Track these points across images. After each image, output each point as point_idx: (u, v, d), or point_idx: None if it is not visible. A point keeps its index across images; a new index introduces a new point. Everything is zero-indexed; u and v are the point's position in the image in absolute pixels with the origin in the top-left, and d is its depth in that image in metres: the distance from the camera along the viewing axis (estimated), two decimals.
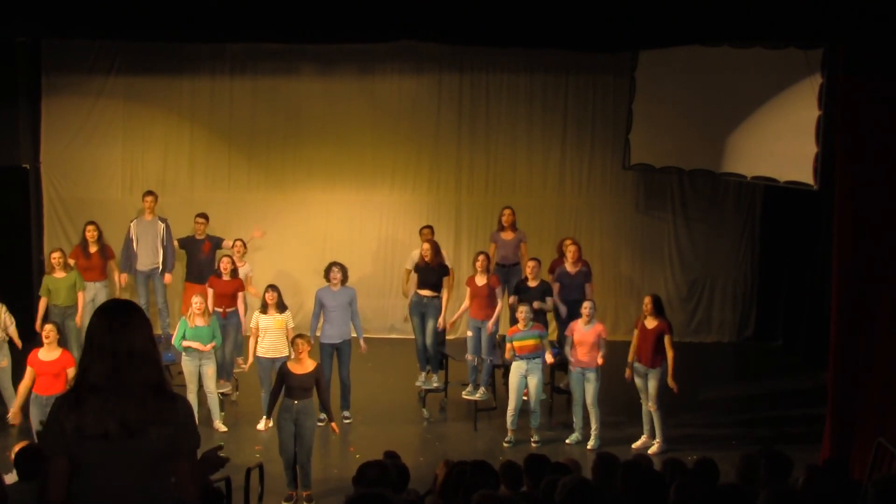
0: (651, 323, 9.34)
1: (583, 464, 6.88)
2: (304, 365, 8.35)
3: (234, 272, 10.50)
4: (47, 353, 8.55)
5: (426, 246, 10.54)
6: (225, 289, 10.40)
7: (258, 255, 12.05)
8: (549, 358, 9.54)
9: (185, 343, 9.49)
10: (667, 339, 9.25)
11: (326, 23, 7.85)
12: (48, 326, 8.69)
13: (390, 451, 6.77)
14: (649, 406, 9.39)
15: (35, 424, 8.48)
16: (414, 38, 8.88)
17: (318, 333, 9.97)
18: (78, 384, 3.55)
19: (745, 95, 10.58)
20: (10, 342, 9.70)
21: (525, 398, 9.58)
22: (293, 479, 8.34)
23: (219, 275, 10.47)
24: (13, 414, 8.57)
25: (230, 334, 10.33)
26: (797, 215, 12.23)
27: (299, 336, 8.62)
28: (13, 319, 9.74)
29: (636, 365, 9.44)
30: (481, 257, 10.24)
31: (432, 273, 10.50)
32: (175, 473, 3.61)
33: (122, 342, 3.53)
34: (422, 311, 10.57)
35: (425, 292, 10.52)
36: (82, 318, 10.58)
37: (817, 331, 11.35)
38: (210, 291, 10.36)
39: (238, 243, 11.05)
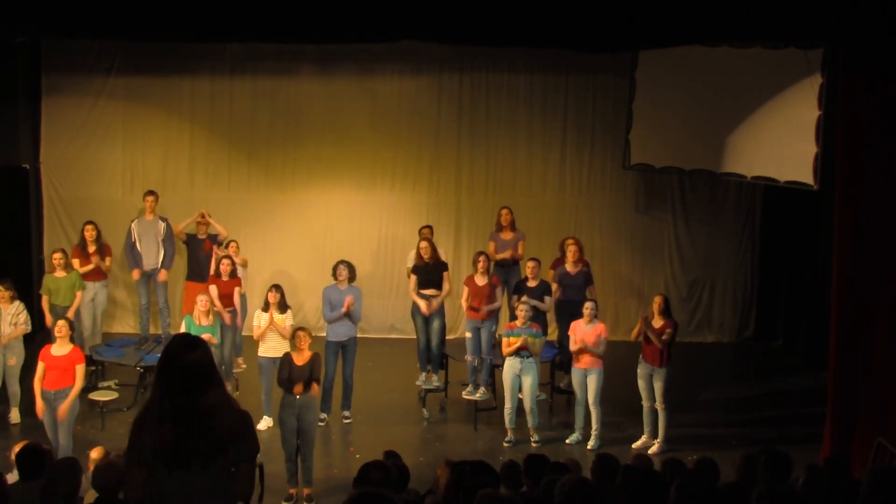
0: (658, 322, 9.34)
1: (583, 464, 6.88)
2: (304, 356, 8.45)
3: (234, 272, 10.52)
4: (59, 348, 8.64)
5: (424, 244, 10.51)
6: (225, 289, 10.41)
7: (258, 256, 12.04)
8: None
9: None
10: (667, 332, 9.26)
11: (326, 23, 7.84)
12: (60, 322, 8.75)
13: (390, 450, 6.76)
14: (657, 405, 9.37)
15: (45, 420, 8.52)
16: (414, 38, 8.86)
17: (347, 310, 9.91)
18: (156, 408, 3.93)
19: (745, 95, 10.58)
20: (24, 339, 9.79)
21: (521, 397, 9.56)
22: (294, 473, 8.34)
23: (219, 275, 10.48)
24: (38, 408, 8.59)
25: (228, 335, 10.33)
26: (797, 215, 12.22)
27: (300, 329, 8.70)
28: (29, 323, 9.79)
29: (641, 364, 9.43)
30: (482, 258, 10.22)
31: (433, 271, 10.48)
32: (237, 474, 4.01)
33: (193, 374, 3.93)
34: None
35: (429, 292, 10.49)
36: (75, 313, 10.55)
37: (817, 331, 11.35)
38: (213, 290, 10.36)
39: (233, 244, 11.05)
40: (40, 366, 8.56)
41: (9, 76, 11.88)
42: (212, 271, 10.86)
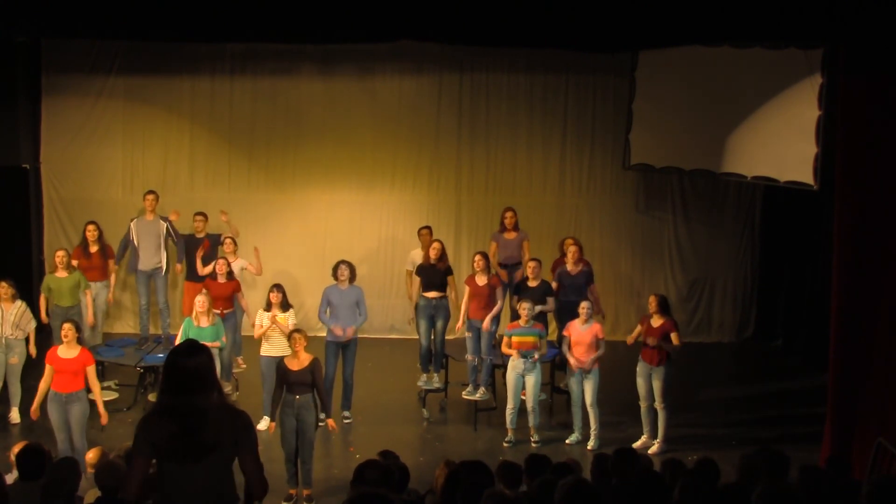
0: (657, 322, 9.33)
1: (583, 464, 6.89)
2: (301, 360, 8.35)
3: (230, 274, 10.51)
4: (66, 350, 8.50)
5: (437, 245, 10.51)
6: (221, 291, 10.38)
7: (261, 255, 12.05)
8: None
9: None
10: (674, 336, 9.25)
11: (326, 23, 7.86)
12: (67, 325, 8.62)
13: (386, 450, 6.72)
14: (656, 405, 9.37)
15: (55, 422, 8.41)
16: (414, 38, 8.88)
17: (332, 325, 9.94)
18: (161, 406, 4.31)
19: (745, 95, 10.58)
20: (25, 339, 9.78)
21: (523, 398, 9.57)
22: (294, 474, 8.33)
23: (214, 277, 10.47)
24: (33, 410, 8.56)
25: (228, 335, 10.32)
26: (797, 215, 12.22)
27: (296, 331, 8.61)
28: (34, 322, 9.78)
29: (640, 363, 9.42)
30: (478, 257, 10.23)
31: (438, 274, 10.47)
32: (243, 470, 4.36)
33: (190, 376, 4.25)
34: (430, 314, 10.53)
35: (432, 294, 10.49)
36: (76, 314, 10.51)
37: (817, 331, 11.34)
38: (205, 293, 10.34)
39: (228, 240, 11.06)
40: (48, 368, 8.45)
41: (9, 76, 11.89)
42: (199, 270, 10.86)
